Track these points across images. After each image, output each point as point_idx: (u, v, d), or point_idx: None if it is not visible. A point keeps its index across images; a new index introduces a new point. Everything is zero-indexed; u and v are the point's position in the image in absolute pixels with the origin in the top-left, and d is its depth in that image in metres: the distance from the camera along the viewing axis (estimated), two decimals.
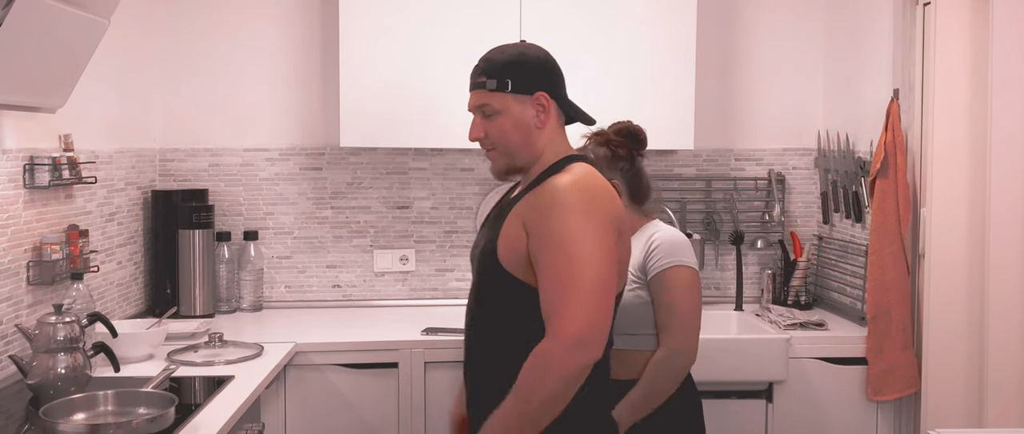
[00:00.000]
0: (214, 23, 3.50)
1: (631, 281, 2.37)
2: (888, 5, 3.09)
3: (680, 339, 2.36)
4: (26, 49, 2.19)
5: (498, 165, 2.00)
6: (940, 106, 2.84)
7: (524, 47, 2.03)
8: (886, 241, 2.96)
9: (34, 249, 2.56)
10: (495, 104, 1.94)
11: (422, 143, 3.30)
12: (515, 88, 1.94)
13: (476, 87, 1.97)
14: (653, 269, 2.38)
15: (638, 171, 2.48)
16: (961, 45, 2.79)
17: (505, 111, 1.94)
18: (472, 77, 1.98)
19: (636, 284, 2.40)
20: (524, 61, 1.96)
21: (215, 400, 2.28)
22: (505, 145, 1.96)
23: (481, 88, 1.95)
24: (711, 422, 2.96)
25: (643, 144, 2.49)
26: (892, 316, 2.97)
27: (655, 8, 3.24)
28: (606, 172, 2.25)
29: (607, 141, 2.45)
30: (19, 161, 2.49)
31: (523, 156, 1.97)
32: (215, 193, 3.52)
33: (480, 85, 1.95)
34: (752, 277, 3.66)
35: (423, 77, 3.18)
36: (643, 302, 2.39)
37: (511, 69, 1.95)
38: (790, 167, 3.67)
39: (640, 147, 2.49)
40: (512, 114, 1.94)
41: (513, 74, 1.94)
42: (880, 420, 3.06)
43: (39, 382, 2.23)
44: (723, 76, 3.64)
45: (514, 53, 1.98)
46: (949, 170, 2.82)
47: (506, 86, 1.93)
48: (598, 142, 2.45)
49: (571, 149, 2.02)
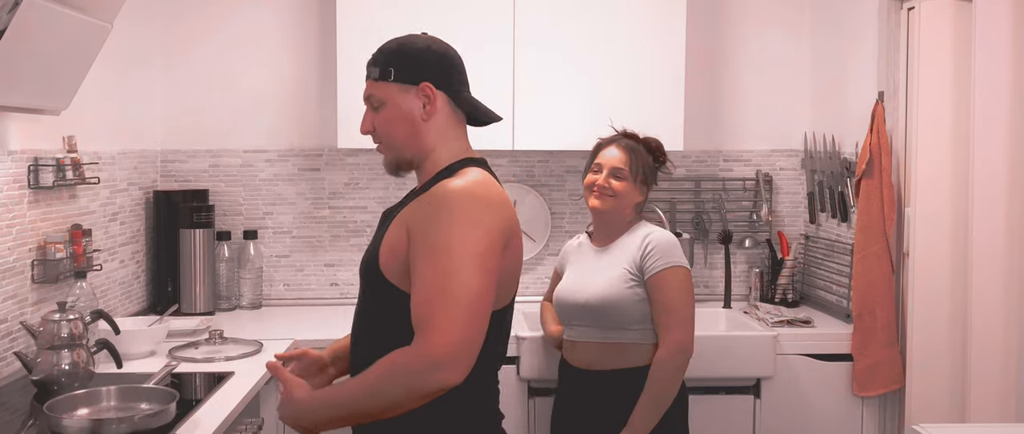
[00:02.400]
0: (214, 27, 3.53)
1: (628, 278, 2.51)
2: (873, 9, 3.10)
3: (680, 336, 2.47)
4: (30, 53, 2.19)
5: (387, 159, 1.86)
6: (924, 108, 2.85)
7: (414, 37, 1.87)
8: (871, 240, 2.97)
9: (38, 248, 2.57)
10: (379, 94, 1.82)
11: None
12: (398, 77, 1.80)
13: (366, 78, 1.84)
14: (650, 270, 2.50)
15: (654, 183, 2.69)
16: (945, 48, 2.80)
17: (389, 101, 1.81)
18: (368, 66, 1.85)
19: (633, 282, 2.52)
20: (409, 50, 1.82)
21: (215, 396, 2.28)
22: (389, 138, 1.83)
23: (368, 78, 1.83)
24: (700, 417, 3.01)
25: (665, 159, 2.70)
26: (877, 313, 2.97)
27: (646, 14, 3.26)
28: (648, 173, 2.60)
29: (649, 149, 2.63)
30: (24, 162, 2.50)
31: (409, 151, 1.83)
32: (215, 193, 3.55)
33: (367, 75, 1.84)
34: (740, 275, 3.67)
35: None
36: (640, 299, 2.51)
37: (395, 57, 1.81)
38: (777, 168, 3.69)
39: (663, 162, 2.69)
40: (397, 105, 1.80)
41: (396, 62, 1.80)
42: (865, 415, 3.07)
43: (43, 378, 2.25)
44: (712, 80, 3.66)
45: (401, 41, 1.84)
46: (933, 171, 2.83)
47: (389, 74, 1.80)
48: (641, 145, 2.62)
49: (471, 151, 1.86)
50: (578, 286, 2.62)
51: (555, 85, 3.25)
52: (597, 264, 2.62)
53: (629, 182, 2.58)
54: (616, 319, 2.53)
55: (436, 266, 1.64)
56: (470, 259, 1.64)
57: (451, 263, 1.64)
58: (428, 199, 1.73)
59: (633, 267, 2.53)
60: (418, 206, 1.74)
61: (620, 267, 2.55)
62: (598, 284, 2.56)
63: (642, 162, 2.60)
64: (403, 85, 1.81)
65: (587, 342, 2.59)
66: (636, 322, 2.52)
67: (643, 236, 2.56)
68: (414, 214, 1.73)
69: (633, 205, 2.61)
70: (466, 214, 1.68)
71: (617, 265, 2.56)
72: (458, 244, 1.65)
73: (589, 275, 2.61)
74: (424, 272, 1.65)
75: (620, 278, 2.53)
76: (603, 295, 2.53)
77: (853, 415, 3.08)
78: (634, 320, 2.52)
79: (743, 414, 3.05)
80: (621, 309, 2.52)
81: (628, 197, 2.59)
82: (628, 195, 2.59)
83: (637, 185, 2.60)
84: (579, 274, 2.65)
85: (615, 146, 2.62)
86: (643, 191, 2.62)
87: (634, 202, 2.61)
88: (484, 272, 1.66)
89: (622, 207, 2.60)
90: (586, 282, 2.60)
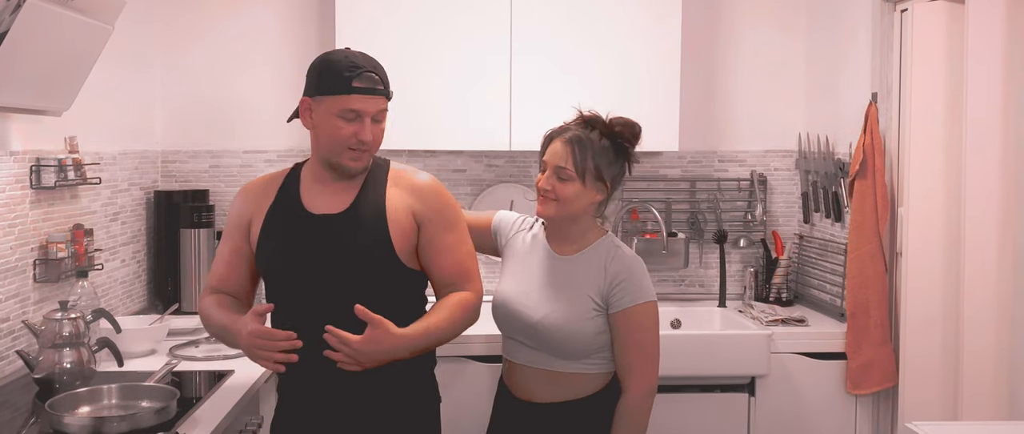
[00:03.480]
0: (214, 29, 3.56)
1: (592, 310, 2.20)
2: (867, 11, 3.12)
3: (651, 377, 2.22)
4: (32, 54, 2.20)
5: (363, 165, 2.13)
6: (917, 109, 2.86)
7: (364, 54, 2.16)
8: (864, 240, 2.99)
9: (40, 248, 2.58)
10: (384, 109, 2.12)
11: (415, 145, 3.35)
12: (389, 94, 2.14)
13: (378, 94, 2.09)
14: (618, 305, 2.19)
15: (623, 177, 2.30)
16: (937, 50, 2.81)
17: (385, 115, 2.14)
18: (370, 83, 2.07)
19: (596, 313, 2.21)
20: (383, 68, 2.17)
21: (215, 394, 2.29)
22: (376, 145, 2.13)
23: (381, 95, 2.10)
24: (694, 416, 3.05)
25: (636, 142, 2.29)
26: (870, 312, 2.99)
27: (642, 15, 3.27)
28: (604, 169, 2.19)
29: (612, 133, 2.23)
30: (26, 163, 2.51)
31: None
32: (215, 193, 3.57)
33: (380, 92, 2.09)
34: (735, 275, 3.69)
35: (416, 82, 3.21)
36: (600, 330, 2.22)
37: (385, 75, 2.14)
38: (772, 168, 3.71)
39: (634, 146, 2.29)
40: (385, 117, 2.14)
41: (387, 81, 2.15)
42: (859, 413, 3.08)
43: (45, 376, 2.25)
44: (707, 81, 3.67)
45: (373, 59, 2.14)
46: (926, 171, 2.84)
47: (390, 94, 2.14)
48: (603, 132, 2.23)
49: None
50: (530, 299, 2.25)
51: (551, 85, 3.26)
52: (555, 278, 2.25)
53: (576, 182, 2.19)
54: (572, 351, 2.22)
55: (457, 236, 2.17)
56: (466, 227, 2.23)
57: (464, 232, 2.20)
58: (426, 192, 2.16)
59: (598, 296, 2.20)
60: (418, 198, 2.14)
61: (584, 294, 2.21)
62: (559, 310, 2.21)
63: (594, 155, 2.19)
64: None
65: (532, 368, 2.26)
66: (594, 353, 2.23)
67: (608, 259, 2.22)
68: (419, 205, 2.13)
69: (588, 207, 2.23)
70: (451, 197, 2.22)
71: (581, 291, 2.21)
72: (462, 218, 2.22)
73: (545, 289, 2.25)
74: (451, 243, 2.15)
75: (584, 308, 2.20)
76: (564, 325, 2.20)
77: (847, 413, 3.09)
78: (592, 351, 2.22)
79: (738, 412, 3.07)
80: (582, 342, 2.20)
81: (577, 200, 2.20)
82: (576, 198, 2.20)
83: (589, 184, 2.20)
84: (530, 282, 2.27)
85: (560, 140, 2.21)
86: (600, 188, 2.22)
87: (588, 203, 2.22)
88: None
89: (570, 211, 2.22)
90: (542, 298, 2.24)
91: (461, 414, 2.77)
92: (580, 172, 2.18)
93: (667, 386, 3.02)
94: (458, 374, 2.98)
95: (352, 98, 2.04)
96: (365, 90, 2.05)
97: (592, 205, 2.24)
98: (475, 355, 2.99)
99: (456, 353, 2.94)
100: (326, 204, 2.12)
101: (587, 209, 2.24)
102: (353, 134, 2.06)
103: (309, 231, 2.10)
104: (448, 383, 2.88)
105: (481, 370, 2.98)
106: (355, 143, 2.06)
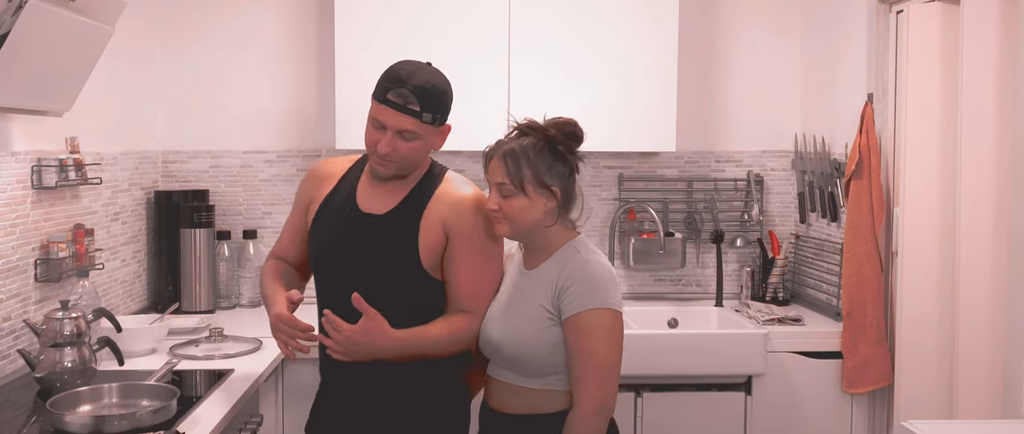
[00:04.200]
0: (214, 31, 3.57)
1: (546, 319, 2.09)
2: (862, 13, 3.13)
3: (598, 393, 2.03)
4: (33, 55, 2.20)
5: (389, 171, 2.16)
6: (912, 110, 2.88)
7: (440, 75, 2.17)
8: (860, 240, 3.00)
9: (42, 247, 2.59)
10: (419, 131, 2.11)
11: None
12: (437, 122, 2.13)
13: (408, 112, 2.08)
14: (567, 311, 2.05)
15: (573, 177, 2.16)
16: (933, 51, 2.83)
17: (425, 136, 2.13)
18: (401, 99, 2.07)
19: (552, 322, 2.08)
20: (446, 95, 2.15)
21: (215, 393, 2.30)
22: (406, 161, 2.15)
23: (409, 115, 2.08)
24: (691, 415, 3.05)
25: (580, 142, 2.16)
26: (866, 312, 3.00)
27: (639, 17, 3.29)
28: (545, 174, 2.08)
29: (548, 137, 2.11)
30: (27, 163, 2.52)
31: (414, 167, 2.19)
32: (215, 193, 3.58)
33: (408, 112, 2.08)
34: (732, 274, 3.70)
35: None
36: (558, 342, 2.08)
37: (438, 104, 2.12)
38: (768, 168, 3.72)
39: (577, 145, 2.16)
40: (428, 139, 2.15)
41: (440, 110, 2.13)
42: (855, 412, 3.09)
43: (46, 375, 2.26)
44: (704, 82, 3.69)
45: (439, 84, 2.13)
46: (921, 171, 2.85)
47: (435, 121, 2.12)
48: (537, 137, 2.11)
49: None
50: (493, 317, 2.19)
51: (550, 86, 3.27)
52: (517, 293, 2.17)
53: (519, 195, 2.07)
54: (533, 367, 2.12)
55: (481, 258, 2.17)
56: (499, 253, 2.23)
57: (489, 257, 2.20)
58: (461, 206, 2.17)
59: (549, 304, 2.08)
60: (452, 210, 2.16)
61: (537, 304, 2.10)
62: (514, 326, 2.13)
63: (530, 163, 2.08)
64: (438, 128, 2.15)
65: (502, 381, 2.18)
66: (559, 369, 2.11)
67: (563, 264, 2.10)
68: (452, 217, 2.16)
69: (542, 218, 2.11)
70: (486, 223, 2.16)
71: (535, 302, 2.11)
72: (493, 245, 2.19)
73: (508, 307, 2.17)
74: (472, 262, 2.16)
75: (539, 320, 2.09)
76: (519, 341, 2.11)
77: (843, 411, 3.10)
78: (556, 366, 2.10)
79: (734, 411, 3.08)
80: (539, 357, 2.10)
81: (526, 213, 2.09)
82: (524, 211, 2.08)
83: (534, 194, 2.08)
84: (498, 301, 2.21)
85: (496, 157, 2.11)
86: (546, 196, 2.09)
87: (541, 214, 2.10)
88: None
89: (523, 226, 2.11)
90: (502, 315, 2.17)
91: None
92: (518, 184, 2.07)
93: (664, 385, 3.04)
94: None
95: (381, 108, 2.10)
96: (394, 104, 2.08)
97: (546, 214, 2.11)
98: None
99: None
100: (374, 203, 2.21)
101: (542, 220, 2.11)
102: (375, 142, 2.12)
103: (351, 226, 2.20)
104: None
105: None
106: (376, 151, 2.13)
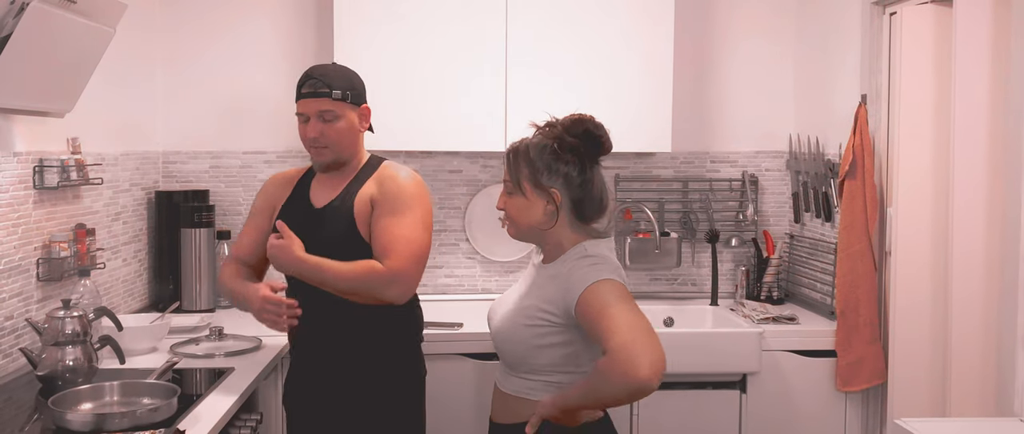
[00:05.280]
0: (214, 33, 3.58)
1: (536, 314, 1.99)
2: (856, 14, 3.14)
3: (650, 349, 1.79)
4: (36, 57, 2.23)
5: (325, 161, 2.40)
6: (906, 111, 2.89)
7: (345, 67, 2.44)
8: (854, 239, 3.01)
9: (43, 247, 2.60)
10: (336, 110, 2.34)
11: (412, 146, 3.38)
12: (353, 100, 2.37)
13: (319, 95, 2.33)
14: (570, 300, 1.92)
15: (588, 180, 2.02)
16: (926, 52, 2.84)
17: (343, 117, 2.36)
18: (311, 87, 2.34)
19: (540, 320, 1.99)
20: (355, 77, 2.41)
21: (215, 391, 2.32)
22: (338, 146, 2.37)
23: (323, 97, 2.33)
24: (687, 413, 3.07)
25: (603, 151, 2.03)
26: (860, 311, 3.01)
27: (635, 19, 3.31)
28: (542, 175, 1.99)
29: (554, 136, 2.02)
30: (29, 163, 2.54)
31: (347, 153, 2.41)
32: (216, 194, 3.59)
33: (325, 94, 2.33)
34: (727, 274, 3.72)
35: (412, 84, 3.25)
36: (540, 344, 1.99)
37: (349, 83, 2.37)
38: (763, 169, 3.73)
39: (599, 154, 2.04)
40: (347, 119, 2.37)
41: (352, 87, 2.37)
42: (849, 410, 3.11)
43: (48, 373, 2.27)
44: (699, 83, 3.70)
45: (344, 70, 2.41)
46: (914, 172, 2.87)
47: (346, 97, 2.35)
48: (545, 136, 2.04)
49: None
50: (503, 299, 2.15)
51: (546, 87, 3.29)
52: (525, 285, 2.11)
53: (518, 195, 2.02)
54: (513, 357, 2.05)
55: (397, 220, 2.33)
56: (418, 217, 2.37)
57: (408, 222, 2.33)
58: (385, 180, 2.38)
59: (546, 303, 1.97)
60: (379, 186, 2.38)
61: (535, 296, 2.02)
62: (510, 313, 2.06)
63: (528, 162, 2.01)
64: (356, 107, 2.39)
65: (496, 388, 2.14)
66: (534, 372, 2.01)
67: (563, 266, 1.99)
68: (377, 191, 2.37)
69: (543, 219, 2.02)
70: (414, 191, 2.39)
71: (535, 294, 2.02)
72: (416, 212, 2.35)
73: (515, 296, 2.12)
74: (386, 222, 2.33)
75: (529, 311, 2.01)
76: (507, 326, 2.05)
77: (837, 410, 3.12)
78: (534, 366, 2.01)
79: (729, 409, 3.10)
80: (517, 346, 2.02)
81: (525, 213, 2.03)
82: (523, 211, 2.03)
83: (532, 194, 2.01)
84: (509, 293, 2.17)
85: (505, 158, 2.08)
86: (543, 196, 2.00)
87: (541, 215, 2.01)
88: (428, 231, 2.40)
89: (523, 227, 2.05)
90: (508, 300, 2.12)
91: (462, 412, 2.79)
92: (516, 183, 2.02)
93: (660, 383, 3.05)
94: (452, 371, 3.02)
95: (300, 103, 2.37)
96: (307, 94, 2.35)
97: (546, 217, 2.02)
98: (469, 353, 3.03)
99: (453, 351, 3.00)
100: (322, 197, 2.45)
101: (542, 222, 2.02)
102: (305, 134, 2.37)
103: (307, 219, 2.42)
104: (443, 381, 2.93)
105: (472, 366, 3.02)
106: (308, 141, 2.38)
